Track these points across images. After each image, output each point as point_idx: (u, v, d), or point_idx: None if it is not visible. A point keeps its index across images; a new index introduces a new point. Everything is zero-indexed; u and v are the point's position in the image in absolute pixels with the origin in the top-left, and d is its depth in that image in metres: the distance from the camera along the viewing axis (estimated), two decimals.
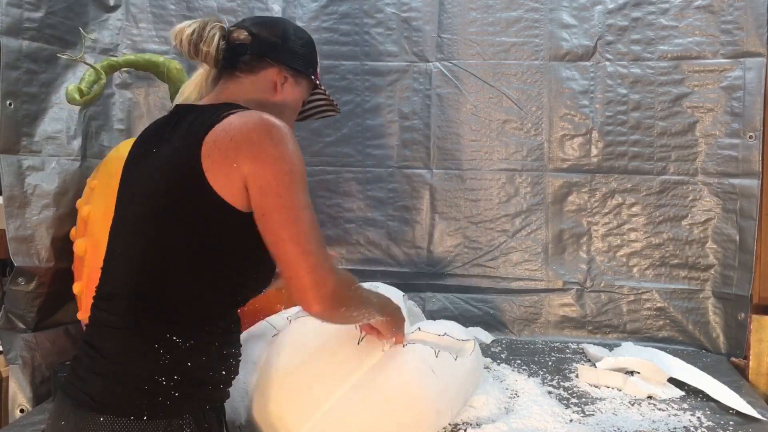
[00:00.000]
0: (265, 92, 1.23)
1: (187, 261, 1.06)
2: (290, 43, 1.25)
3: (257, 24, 1.24)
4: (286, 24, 1.28)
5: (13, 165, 1.84)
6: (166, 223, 1.07)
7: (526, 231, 2.24)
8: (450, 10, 2.24)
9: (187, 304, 1.08)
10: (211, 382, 1.11)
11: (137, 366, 1.05)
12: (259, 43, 1.22)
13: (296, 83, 1.27)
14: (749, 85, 2.03)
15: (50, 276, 1.89)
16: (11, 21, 1.81)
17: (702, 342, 2.11)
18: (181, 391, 1.05)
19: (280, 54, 1.23)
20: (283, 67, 1.24)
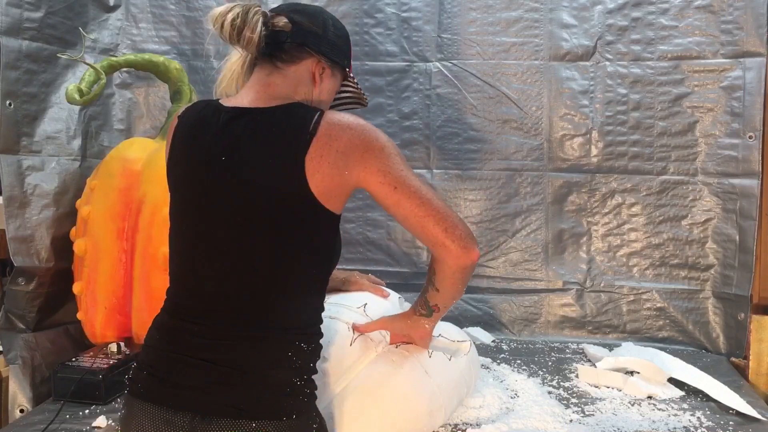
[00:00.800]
0: (307, 84, 1.21)
1: (297, 269, 1.12)
2: (329, 33, 1.23)
3: (297, 11, 1.22)
4: (325, 14, 1.26)
5: (13, 165, 1.83)
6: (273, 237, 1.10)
7: (526, 231, 2.24)
8: (450, 10, 2.24)
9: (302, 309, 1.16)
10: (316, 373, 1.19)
11: (276, 374, 1.10)
12: (299, 31, 1.19)
13: (332, 74, 1.25)
14: (749, 85, 2.03)
15: (50, 276, 1.89)
16: (11, 21, 1.81)
17: (702, 342, 2.11)
18: (310, 388, 1.15)
19: (320, 43, 1.21)
20: (322, 57, 1.22)
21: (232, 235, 1.12)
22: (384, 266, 2.29)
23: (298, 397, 1.12)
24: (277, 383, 1.10)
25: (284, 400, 1.10)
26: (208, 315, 1.12)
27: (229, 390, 1.08)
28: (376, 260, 2.30)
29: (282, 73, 1.19)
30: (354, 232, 2.30)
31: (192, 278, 1.15)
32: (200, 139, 1.18)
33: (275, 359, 1.11)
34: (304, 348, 1.14)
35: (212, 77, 2.29)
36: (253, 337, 1.10)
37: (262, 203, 1.10)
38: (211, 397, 1.07)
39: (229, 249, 1.12)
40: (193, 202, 1.17)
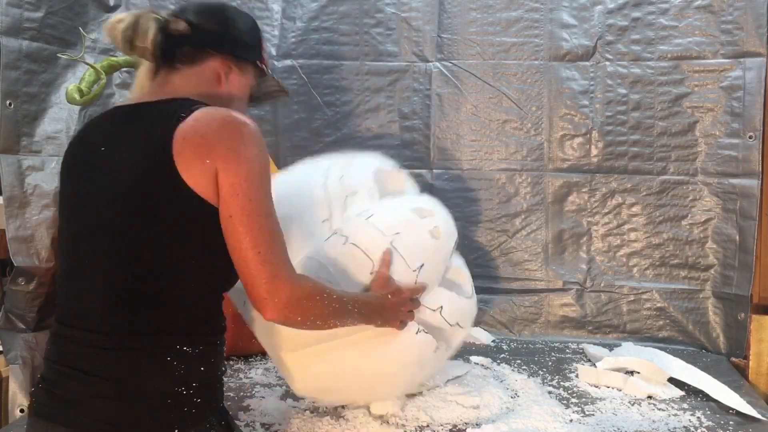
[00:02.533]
0: (210, 84, 1.18)
1: (175, 264, 1.04)
2: (232, 30, 1.19)
3: (197, 12, 1.18)
4: (226, 10, 1.22)
5: (13, 165, 1.83)
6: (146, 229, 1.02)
7: (526, 231, 2.24)
8: (450, 10, 2.24)
9: (186, 309, 1.05)
10: (218, 380, 1.12)
11: (155, 382, 1.02)
12: (198, 33, 1.16)
13: (241, 72, 1.22)
14: (749, 85, 2.03)
15: (50, 276, 1.89)
16: (11, 21, 1.81)
17: (702, 342, 2.11)
18: (201, 397, 1.05)
19: (222, 43, 1.17)
20: (227, 56, 1.18)
21: (105, 228, 1.05)
22: None
23: (183, 408, 1.03)
24: (153, 394, 1.01)
25: (164, 413, 1.01)
26: (87, 319, 1.04)
27: (105, 403, 1.00)
28: None
29: (181, 74, 1.16)
30: None
31: (73, 278, 1.09)
32: (88, 136, 1.16)
33: (153, 367, 1.02)
34: (187, 351, 1.04)
35: None
36: (127, 343, 1.02)
37: (132, 193, 1.03)
38: (88, 412, 1.01)
39: (103, 244, 1.05)
40: (74, 197, 1.12)
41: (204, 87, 1.17)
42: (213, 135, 1.02)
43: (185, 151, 1.01)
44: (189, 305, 1.06)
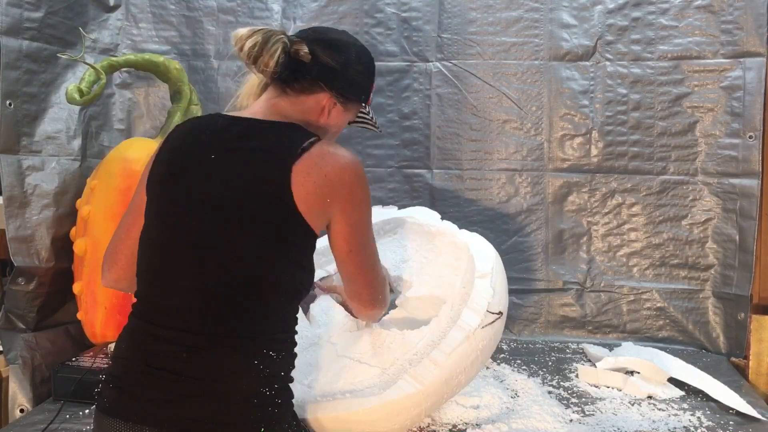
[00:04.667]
0: (312, 113, 1.22)
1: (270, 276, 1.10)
2: (349, 71, 1.23)
3: (322, 42, 1.21)
4: (350, 48, 1.25)
5: (13, 165, 1.83)
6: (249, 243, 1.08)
7: (526, 231, 2.24)
8: (450, 10, 2.24)
9: (273, 317, 1.13)
10: (291, 383, 1.17)
11: (243, 383, 1.07)
12: (317, 66, 1.19)
13: (345, 109, 1.26)
14: (749, 85, 2.03)
15: (50, 276, 1.89)
16: (11, 21, 1.81)
17: (702, 342, 2.11)
18: (281, 398, 1.12)
19: (336, 81, 1.21)
20: (336, 93, 1.23)
21: (209, 233, 1.09)
22: None
23: (267, 408, 1.08)
24: (242, 394, 1.07)
25: (251, 412, 1.07)
26: (176, 318, 1.08)
27: (193, 403, 1.04)
28: None
29: (290, 99, 1.21)
30: None
31: (164, 278, 1.12)
32: (194, 139, 1.17)
33: (240, 368, 1.07)
34: (272, 356, 1.10)
35: (212, 77, 2.29)
36: (217, 344, 1.06)
37: (243, 205, 1.09)
38: (175, 411, 1.04)
39: (202, 249, 1.09)
40: (171, 198, 1.14)
41: (305, 114, 1.22)
42: (335, 176, 1.12)
43: (307, 185, 1.09)
44: (276, 314, 1.13)
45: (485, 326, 1.35)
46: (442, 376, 1.29)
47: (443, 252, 1.65)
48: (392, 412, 1.26)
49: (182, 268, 1.10)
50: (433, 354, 1.32)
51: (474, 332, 1.33)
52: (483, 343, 1.35)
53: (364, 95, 1.29)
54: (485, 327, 1.35)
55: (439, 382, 1.29)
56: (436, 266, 1.62)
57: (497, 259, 1.55)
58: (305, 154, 1.10)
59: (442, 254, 1.65)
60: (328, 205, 1.11)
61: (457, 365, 1.31)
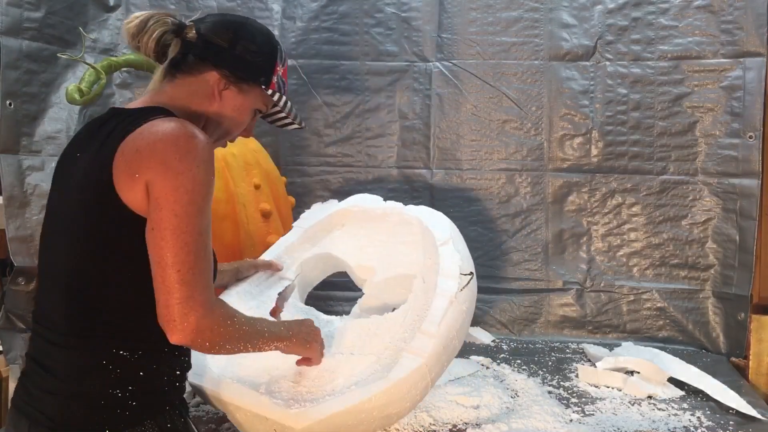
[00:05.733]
0: (203, 99, 1.15)
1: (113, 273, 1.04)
2: (238, 48, 1.15)
3: (212, 23, 1.16)
4: (241, 27, 1.18)
5: (13, 165, 1.84)
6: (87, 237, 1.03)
7: (526, 231, 2.24)
8: (450, 10, 2.24)
9: (124, 316, 1.05)
10: (166, 384, 1.11)
11: (90, 384, 1.03)
12: (203, 44, 1.14)
13: (240, 92, 1.17)
14: (749, 85, 2.03)
15: None
16: (11, 21, 1.81)
17: (702, 342, 2.11)
18: (138, 400, 1.05)
19: (223, 59, 1.15)
20: (224, 72, 1.15)
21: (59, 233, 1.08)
22: None
23: (116, 410, 1.04)
24: (88, 394, 1.03)
25: (96, 413, 1.03)
26: (48, 318, 1.08)
27: (50, 399, 1.04)
28: None
29: (175, 83, 1.15)
30: None
31: (42, 278, 1.12)
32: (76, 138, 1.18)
33: (87, 368, 1.03)
34: (124, 356, 1.04)
35: None
36: (71, 344, 1.04)
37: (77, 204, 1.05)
38: (39, 406, 1.04)
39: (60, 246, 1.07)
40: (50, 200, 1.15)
41: (194, 100, 1.15)
42: (146, 147, 1.00)
43: (120, 165, 1.00)
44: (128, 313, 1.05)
45: (463, 288, 1.40)
46: (439, 345, 1.32)
47: (396, 232, 1.67)
48: (403, 390, 1.27)
49: (46, 267, 1.10)
50: (423, 327, 1.34)
51: (456, 296, 1.37)
52: (465, 305, 1.40)
53: (263, 77, 1.18)
54: (463, 289, 1.40)
55: (438, 351, 1.32)
56: (393, 246, 1.66)
57: (452, 225, 1.59)
58: (131, 134, 1.02)
59: (396, 234, 1.67)
60: (138, 180, 0.99)
61: (449, 331, 1.34)
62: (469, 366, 1.81)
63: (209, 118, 1.16)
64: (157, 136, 1.00)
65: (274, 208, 1.89)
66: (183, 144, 1.00)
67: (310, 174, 2.30)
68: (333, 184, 2.30)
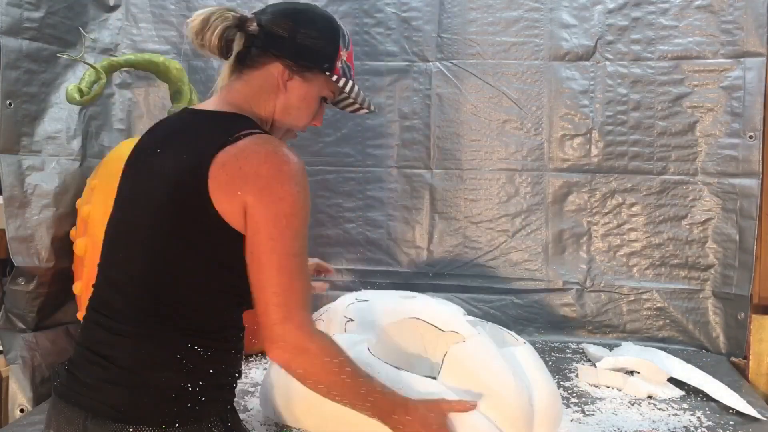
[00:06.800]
0: (269, 92, 1.16)
1: (194, 274, 1.06)
2: (299, 36, 1.14)
3: (271, 14, 1.16)
4: (301, 14, 1.17)
5: (13, 165, 1.84)
6: (171, 236, 1.06)
7: (526, 231, 2.24)
8: (450, 10, 2.24)
9: (202, 314, 1.08)
10: (229, 384, 1.14)
11: (161, 376, 1.04)
12: (265, 35, 1.14)
13: (305, 81, 1.16)
14: (749, 85, 2.03)
15: (50, 276, 1.89)
16: (11, 21, 1.81)
17: (702, 342, 2.11)
18: (206, 396, 1.07)
19: (284, 48, 1.14)
20: (287, 61, 1.14)
21: (140, 227, 1.09)
22: (384, 266, 2.29)
23: (186, 404, 1.05)
24: (161, 386, 1.04)
25: (166, 406, 1.03)
26: (113, 307, 1.09)
27: (114, 389, 1.04)
28: (376, 260, 2.30)
29: (243, 79, 1.16)
30: (354, 232, 2.30)
31: (108, 268, 1.13)
32: (151, 134, 1.20)
33: (161, 360, 1.05)
34: (198, 351, 1.06)
35: (212, 77, 2.28)
36: (142, 334, 1.05)
37: (165, 201, 1.06)
38: (100, 396, 1.04)
39: (137, 239, 1.09)
40: (123, 192, 1.16)
41: (262, 95, 1.16)
42: (250, 168, 1.02)
43: (220, 178, 1.02)
44: (206, 311, 1.08)
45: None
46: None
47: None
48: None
49: (117, 261, 1.12)
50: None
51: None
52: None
53: (327, 63, 1.16)
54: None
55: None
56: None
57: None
58: (228, 147, 1.04)
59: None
60: (239, 199, 1.02)
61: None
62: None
63: (277, 110, 1.17)
64: (260, 158, 1.03)
65: None
66: (286, 170, 1.04)
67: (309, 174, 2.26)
68: (333, 184, 2.30)
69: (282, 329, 1.02)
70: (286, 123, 1.20)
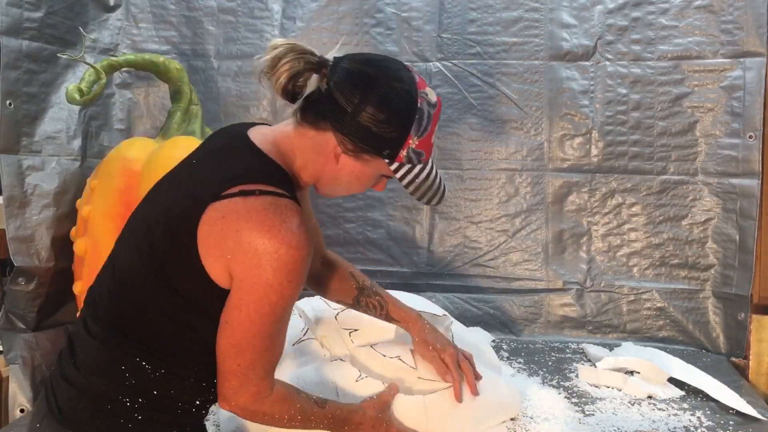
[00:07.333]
0: (322, 155, 1.07)
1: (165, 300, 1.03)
2: (361, 115, 1.02)
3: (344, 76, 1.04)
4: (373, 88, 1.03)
5: (13, 165, 1.84)
6: (151, 264, 1.02)
7: (526, 231, 2.24)
8: (450, 10, 2.24)
9: (162, 335, 1.04)
10: (180, 408, 1.09)
11: (102, 384, 1.04)
12: (328, 101, 1.04)
13: (358, 159, 1.07)
14: (749, 85, 2.03)
15: (50, 276, 1.89)
16: (11, 21, 1.81)
17: (702, 342, 2.11)
18: (143, 415, 1.04)
19: (344, 123, 1.03)
20: (342, 138, 1.05)
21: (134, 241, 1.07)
22: (384, 266, 2.29)
23: (119, 418, 1.02)
24: (97, 394, 1.03)
25: (99, 416, 1.02)
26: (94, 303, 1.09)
27: (64, 387, 1.05)
28: (376, 260, 2.30)
29: (299, 131, 1.08)
30: (354, 232, 2.30)
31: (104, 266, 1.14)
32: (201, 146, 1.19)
33: (106, 368, 1.03)
34: (146, 368, 1.03)
35: (212, 77, 2.29)
36: (104, 339, 1.05)
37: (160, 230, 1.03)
38: (54, 392, 1.06)
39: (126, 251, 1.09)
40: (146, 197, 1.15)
41: (315, 156, 1.08)
42: (247, 237, 0.96)
43: (214, 232, 0.98)
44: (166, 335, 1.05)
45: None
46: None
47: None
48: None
49: (108, 263, 1.12)
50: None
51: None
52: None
53: (387, 150, 1.05)
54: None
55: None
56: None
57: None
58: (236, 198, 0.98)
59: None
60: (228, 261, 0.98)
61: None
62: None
63: (324, 177, 1.11)
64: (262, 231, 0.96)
65: None
66: (283, 255, 0.96)
67: None
68: None
69: (236, 393, 1.02)
70: (334, 189, 1.14)
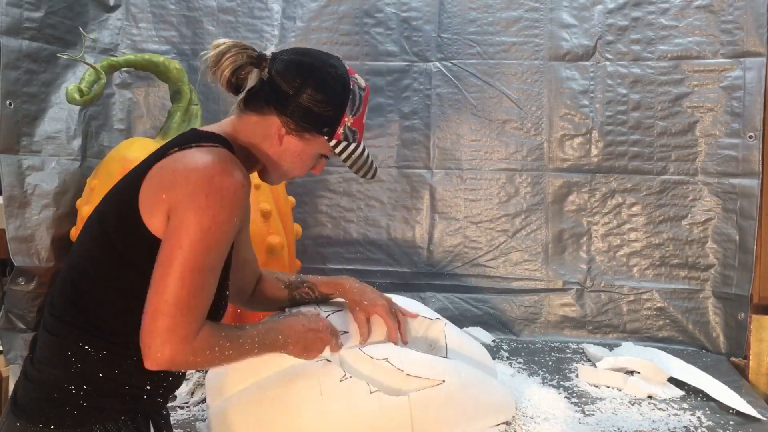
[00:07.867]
0: (266, 138, 1.14)
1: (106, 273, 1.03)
2: (303, 96, 1.11)
3: (284, 65, 1.13)
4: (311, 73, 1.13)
5: (13, 165, 1.84)
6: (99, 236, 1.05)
7: (526, 231, 2.24)
8: (450, 10, 2.24)
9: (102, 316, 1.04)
10: (128, 393, 1.07)
11: (50, 373, 1.04)
12: (270, 87, 1.12)
13: (301, 139, 1.14)
14: (749, 85, 2.03)
15: (50, 276, 1.89)
16: (11, 21, 1.81)
17: (702, 342, 2.11)
18: (90, 402, 1.03)
19: (286, 106, 1.12)
20: (285, 119, 1.12)
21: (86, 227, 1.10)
22: (384, 266, 2.29)
23: (65, 406, 1.01)
24: (46, 383, 1.03)
25: (46, 405, 1.02)
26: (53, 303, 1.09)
27: (21, 380, 1.08)
28: (376, 260, 2.30)
29: (243, 120, 1.15)
30: (354, 232, 2.30)
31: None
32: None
33: (54, 356, 1.04)
34: (89, 352, 1.02)
35: None
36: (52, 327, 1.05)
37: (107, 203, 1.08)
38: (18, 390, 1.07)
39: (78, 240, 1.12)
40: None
41: (258, 139, 1.14)
42: (182, 171, 1.00)
43: (153, 180, 1.02)
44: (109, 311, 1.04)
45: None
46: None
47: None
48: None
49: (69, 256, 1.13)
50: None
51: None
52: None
53: (326, 128, 1.14)
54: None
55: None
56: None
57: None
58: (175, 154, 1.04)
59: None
60: (164, 201, 0.99)
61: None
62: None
63: (269, 158, 1.15)
64: (197, 163, 1.01)
65: (273, 208, 1.89)
66: (216, 181, 0.99)
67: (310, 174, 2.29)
68: (333, 184, 2.30)
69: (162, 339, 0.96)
70: (277, 171, 1.19)
